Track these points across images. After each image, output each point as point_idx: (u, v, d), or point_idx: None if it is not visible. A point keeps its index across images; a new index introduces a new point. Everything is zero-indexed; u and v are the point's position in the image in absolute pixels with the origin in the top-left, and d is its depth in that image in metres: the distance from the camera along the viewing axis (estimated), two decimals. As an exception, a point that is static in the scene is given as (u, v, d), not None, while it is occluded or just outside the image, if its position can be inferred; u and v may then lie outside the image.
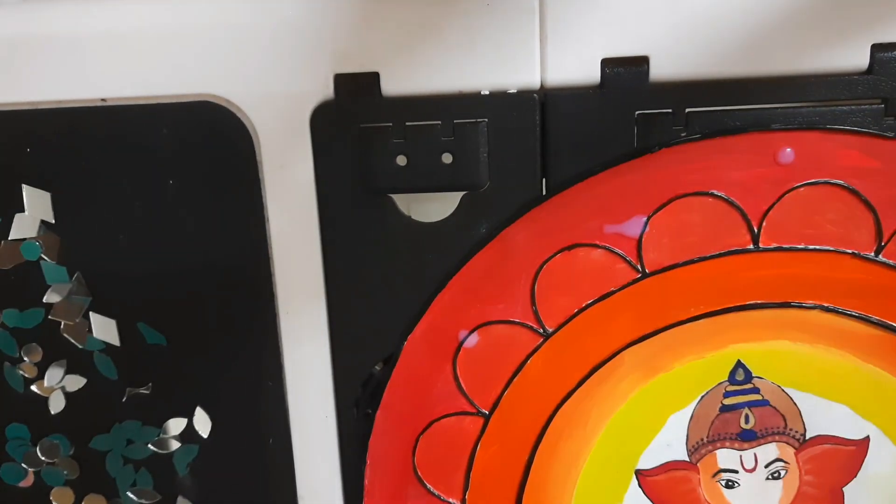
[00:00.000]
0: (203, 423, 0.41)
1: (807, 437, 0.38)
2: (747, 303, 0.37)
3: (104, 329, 0.40)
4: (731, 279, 0.37)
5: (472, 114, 0.35)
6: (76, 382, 0.41)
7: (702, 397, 0.38)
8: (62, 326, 0.40)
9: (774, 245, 0.36)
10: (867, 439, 0.38)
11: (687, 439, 0.39)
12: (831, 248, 0.36)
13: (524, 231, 0.37)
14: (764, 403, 0.38)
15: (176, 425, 0.41)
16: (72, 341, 0.41)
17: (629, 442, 0.39)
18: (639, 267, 0.37)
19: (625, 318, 0.37)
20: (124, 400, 0.41)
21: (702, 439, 0.39)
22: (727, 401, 0.38)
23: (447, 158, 0.36)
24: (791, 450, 0.38)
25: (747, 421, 0.38)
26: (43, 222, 0.39)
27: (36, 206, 0.39)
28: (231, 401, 0.41)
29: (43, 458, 0.43)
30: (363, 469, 0.40)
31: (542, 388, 0.39)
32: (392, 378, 0.39)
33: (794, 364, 0.38)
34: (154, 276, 0.39)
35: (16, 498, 0.43)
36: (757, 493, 0.39)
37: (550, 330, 0.38)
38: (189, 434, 0.42)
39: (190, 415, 0.41)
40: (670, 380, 0.38)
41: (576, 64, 0.35)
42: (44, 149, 0.38)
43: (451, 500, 0.40)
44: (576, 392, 0.39)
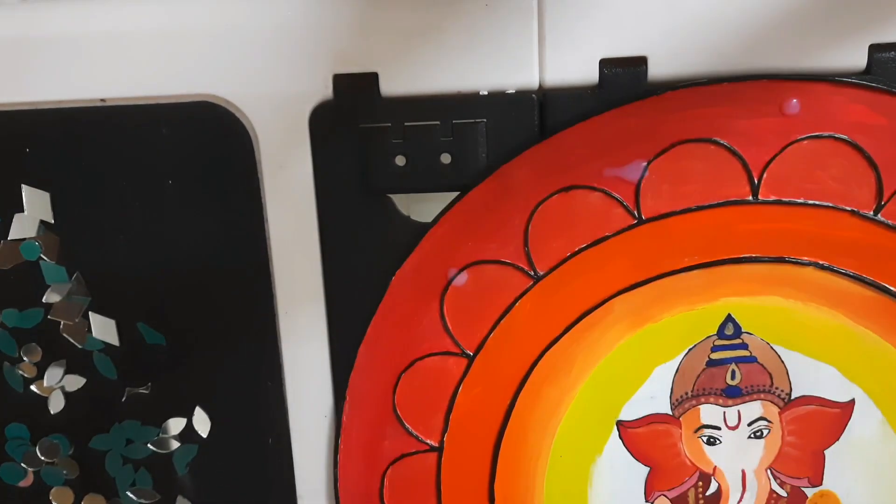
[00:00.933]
0: (202, 423, 0.41)
1: (792, 397, 0.38)
2: (742, 256, 0.36)
3: (103, 329, 0.40)
4: (728, 231, 0.36)
5: (471, 114, 0.35)
6: (76, 382, 0.41)
7: (689, 350, 0.38)
8: (62, 326, 0.41)
9: (773, 198, 0.36)
10: (852, 402, 0.38)
11: (671, 392, 0.38)
12: (830, 205, 0.35)
13: (522, 169, 0.36)
14: (751, 360, 0.38)
15: (175, 425, 0.42)
16: (71, 341, 0.41)
17: (612, 392, 0.38)
18: (635, 213, 0.36)
19: (617, 265, 0.37)
20: (124, 400, 0.41)
21: (686, 393, 0.38)
22: (714, 355, 0.38)
23: (446, 159, 0.36)
24: (775, 409, 0.38)
25: (733, 377, 0.38)
26: (42, 222, 0.39)
27: (35, 206, 0.39)
28: (230, 400, 0.41)
29: (42, 458, 0.43)
30: (342, 406, 0.40)
31: (529, 332, 0.38)
32: (377, 313, 0.38)
33: (785, 321, 0.37)
34: (153, 277, 0.39)
35: (15, 498, 0.43)
36: (738, 451, 0.39)
37: (541, 273, 0.37)
38: (188, 434, 0.42)
39: (189, 414, 0.41)
40: (658, 330, 0.38)
41: (574, 64, 0.35)
42: (43, 149, 0.38)
43: (429, 441, 0.39)
44: (562, 338, 0.38)
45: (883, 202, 0.35)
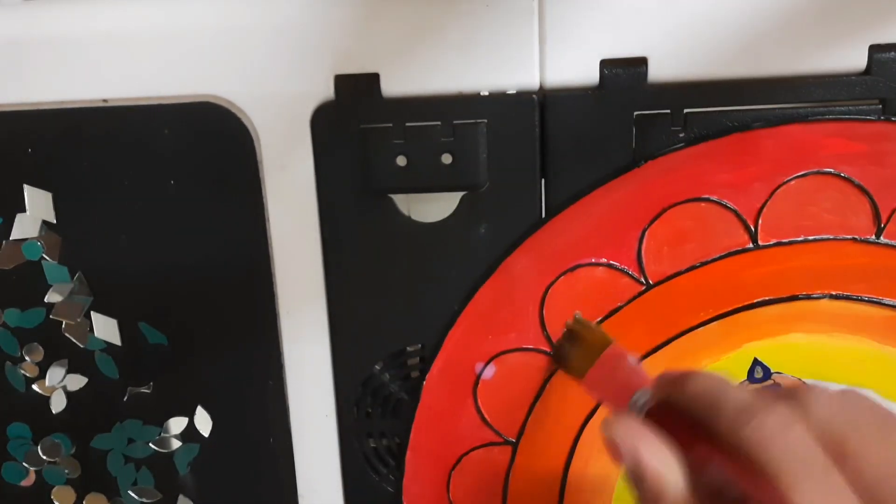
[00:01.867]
0: (204, 423, 0.41)
1: None
2: (755, 301, 0.37)
3: (105, 329, 0.40)
4: (736, 279, 0.37)
5: (472, 114, 0.36)
6: (77, 382, 0.41)
7: None
8: (63, 326, 0.41)
9: (774, 241, 0.36)
10: None
11: None
12: (831, 237, 0.36)
13: (525, 259, 0.37)
14: None
15: (177, 424, 0.42)
16: (73, 341, 0.41)
17: None
18: (642, 279, 0.37)
19: (636, 331, 0.38)
20: (125, 399, 0.41)
21: None
22: None
23: (447, 159, 0.36)
24: None
25: None
26: (44, 222, 0.39)
27: (37, 206, 0.39)
28: (232, 400, 0.41)
29: (44, 458, 0.43)
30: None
31: (565, 410, 0.39)
32: (416, 418, 0.39)
33: (812, 355, 0.37)
34: (155, 276, 0.39)
35: (17, 497, 0.44)
36: None
37: None
38: (190, 433, 0.42)
39: (191, 414, 0.41)
40: None
41: (575, 65, 0.35)
42: (45, 149, 0.38)
43: None
44: (597, 411, 0.39)
45: (883, 224, 0.36)
